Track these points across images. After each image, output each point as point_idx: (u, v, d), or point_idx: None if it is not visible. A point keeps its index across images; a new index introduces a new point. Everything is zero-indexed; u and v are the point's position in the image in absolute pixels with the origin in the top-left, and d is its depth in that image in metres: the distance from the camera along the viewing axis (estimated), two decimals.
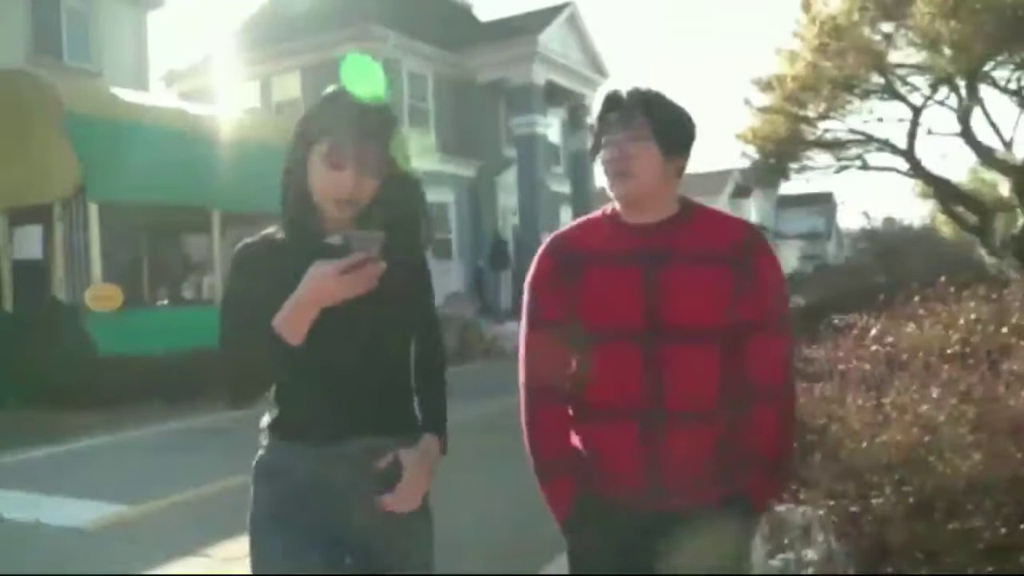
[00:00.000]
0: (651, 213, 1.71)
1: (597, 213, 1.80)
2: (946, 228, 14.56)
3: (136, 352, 9.05)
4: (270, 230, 1.67)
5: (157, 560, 4.18)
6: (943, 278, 3.38)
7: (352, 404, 1.59)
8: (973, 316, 2.97)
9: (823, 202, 44.32)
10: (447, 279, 18.71)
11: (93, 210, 9.52)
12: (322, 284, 1.45)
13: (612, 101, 1.71)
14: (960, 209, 11.84)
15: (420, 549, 1.70)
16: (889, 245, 12.13)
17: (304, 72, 19.05)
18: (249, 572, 1.62)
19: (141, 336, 9.41)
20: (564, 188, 23.73)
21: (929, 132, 11.24)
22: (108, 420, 8.30)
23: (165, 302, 12.53)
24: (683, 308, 1.63)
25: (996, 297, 3.22)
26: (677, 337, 1.63)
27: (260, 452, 1.66)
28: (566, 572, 1.80)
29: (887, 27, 9.94)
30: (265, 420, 1.66)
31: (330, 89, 1.63)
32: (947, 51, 8.54)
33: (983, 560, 1.80)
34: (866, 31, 10.10)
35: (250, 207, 11.71)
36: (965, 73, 9.32)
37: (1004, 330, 2.80)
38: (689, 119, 1.73)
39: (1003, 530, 1.80)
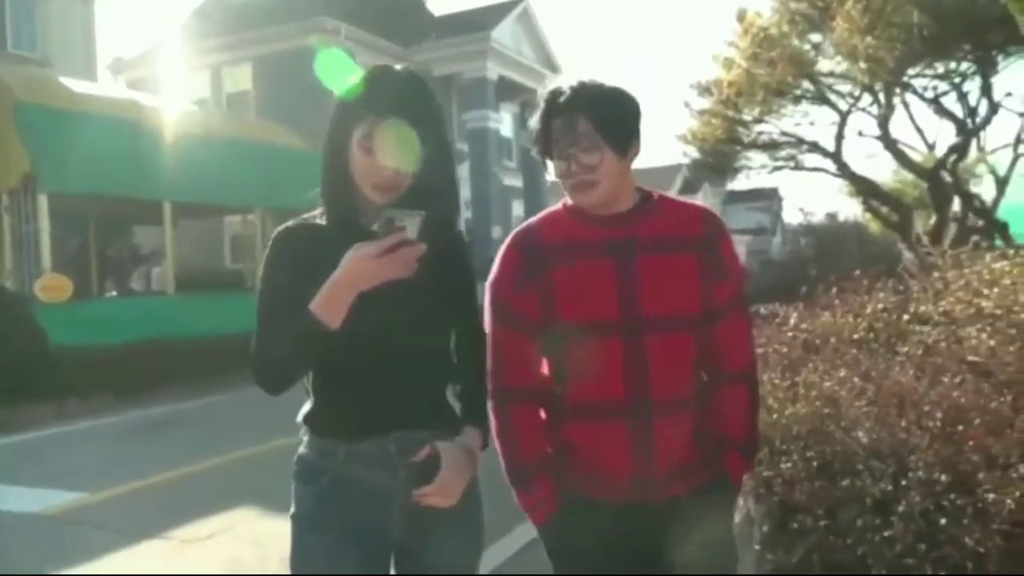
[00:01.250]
0: (615, 205, 1.67)
1: (558, 207, 1.73)
2: (873, 224, 15.28)
3: (88, 343, 9.04)
4: (310, 214, 1.61)
5: (119, 543, 4.30)
6: (858, 271, 3.73)
7: (388, 395, 1.53)
8: (880, 305, 3.30)
9: (769, 198, 45.09)
10: None
11: (42, 201, 9.46)
12: (359, 266, 1.39)
13: (551, 105, 1.64)
14: (885, 208, 12.55)
15: (465, 545, 1.63)
16: (823, 240, 12.75)
17: (255, 63, 18.94)
18: (211, 551, 1.64)
19: (93, 327, 9.39)
20: (516, 182, 23.99)
21: (860, 134, 11.87)
22: (60, 412, 8.32)
23: (114, 293, 12.45)
24: (660, 297, 1.60)
25: (903, 288, 3.56)
26: (656, 326, 1.60)
27: (300, 449, 1.61)
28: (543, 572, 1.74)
29: (816, 38, 10.53)
30: (302, 412, 1.61)
31: (367, 71, 1.57)
32: (862, 64, 9.11)
33: (870, 512, 2.09)
34: (796, 42, 10.66)
35: (201, 198, 11.82)
36: (884, 83, 9.92)
37: (905, 318, 3.13)
38: (629, 104, 1.66)
39: (890, 487, 2.09)
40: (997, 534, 1.75)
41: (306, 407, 1.60)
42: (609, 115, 1.61)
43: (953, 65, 9.94)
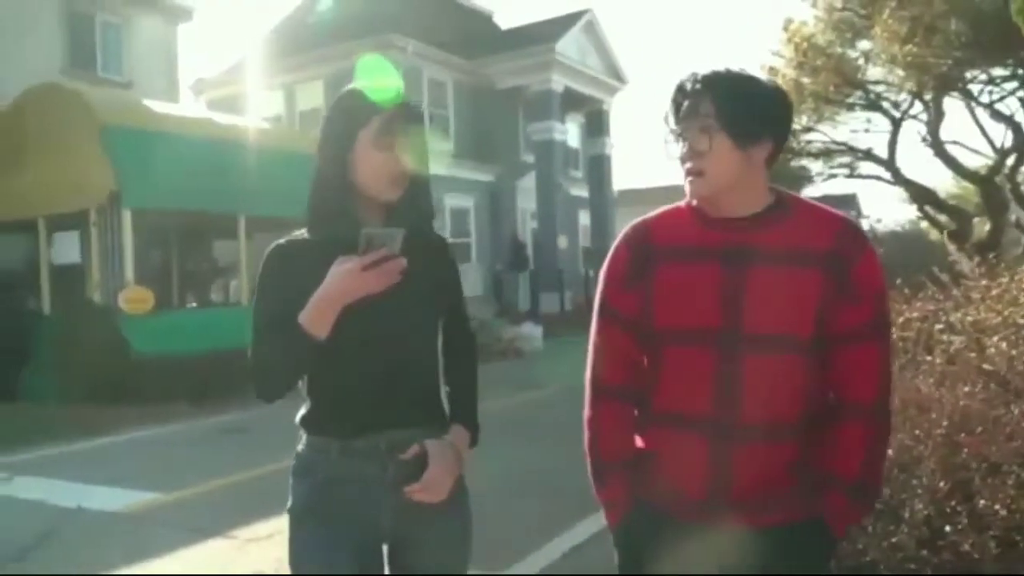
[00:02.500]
0: (736, 208, 1.53)
1: (682, 203, 1.62)
2: (935, 232, 14.88)
3: (167, 352, 9.47)
4: (299, 232, 1.67)
5: (187, 540, 4.57)
6: (899, 280, 3.71)
7: (378, 397, 1.59)
8: (915, 314, 3.28)
9: (847, 205, 43.79)
10: (466, 281, 19.05)
11: (127, 216, 9.94)
12: (344, 281, 1.46)
13: (680, 88, 1.54)
14: (943, 216, 12.21)
15: (454, 539, 1.69)
16: (888, 248, 12.50)
17: (327, 81, 19.53)
18: (270, 550, 1.73)
19: (172, 337, 9.81)
20: (583, 192, 24.04)
21: (924, 140, 11.56)
22: (140, 417, 8.73)
23: (194, 304, 12.99)
24: (766, 313, 1.47)
25: (943, 297, 3.51)
26: (758, 344, 1.47)
27: (298, 447, 1.70)
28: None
29: (865, 45, 10.35)
30: (299, 415, 1.69)
31: (350, 86, 1.67)
32: (900, 72, 8.92)
33: (880, 518, 2.12)
34: (842, 50, 10.48)
35: (274, 212, 12.24)
36: (932, 89, 9.69)
37: (939, 327, 3.10)
38: (765, 95, 1.51)
39: (903, 495, 2.11)
40: (992, 539, 1.77)
41: (302, 410, 1.69)
42: (731, 99, 1.48)
43: (1009, 71, 9.66)
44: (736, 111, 1.47)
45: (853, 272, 1.47)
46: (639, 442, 1.63)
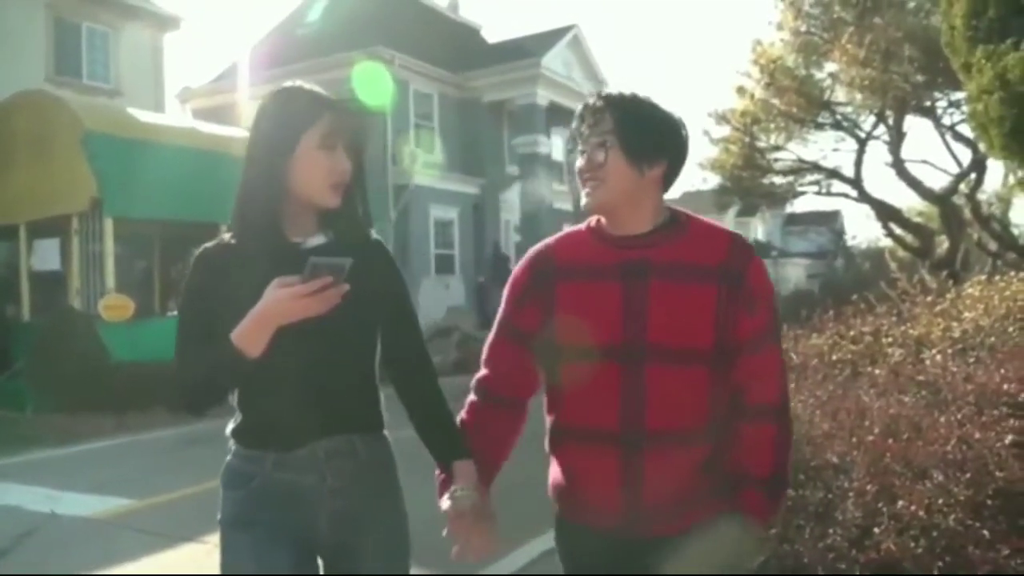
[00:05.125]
0: (631, 225, 1.59)
1: (582, 226, 1.69)
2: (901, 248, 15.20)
3: (146, 359, 9.44)
4: (227, 236, 1.59)
5: (158, 545, 4.61)
6: (855, 296, 3.82)
7: (311, 409, 1.54)
8: (866, 328, 3.39)
9: (831, 221, 44.12)
10: (449, 293, 19.17)
11: (108, 224, 9.94)
12: (283, 304, 1.41)
13: (585, 107, 1.62)
14: (909, 235, 12.44)
15: (392, 546, 1.65)
16: (860, 264, 12.75)
17: None
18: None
19: (151, 344, 9.75)
20: (567, 205, 24.14)
21: (887, 163, 11.81)
22: (120, 424, 8.74)
23: (175, 312, 12.98)
24: (668, 327, 1.52)
25: (897, 312, 3.64)
26: (661, 357, 1.52)
27: (227, 458, 1.64)
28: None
29: (832, 67, 10.57)
30: (229, 427, 1.63)
31: (287, 84, 1.61)
32: (858, 95, 9.13)
33: (813, 521, 2.22)
34: (807, 71, 10.70)
35: None
36: (891, 111, 9.93)
37: (888, 340, 3.21)
38: (660, 120, 1.59)
39: (828, 495, 2.21)
40: (912, 539, 1.86)
41: (232, 423, 1.64)
42: (630, 118, 1.56)
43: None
44: (634, 131, 1.56)
45: (746, 282, 1.56)
46: (556, 464, 1.67)
